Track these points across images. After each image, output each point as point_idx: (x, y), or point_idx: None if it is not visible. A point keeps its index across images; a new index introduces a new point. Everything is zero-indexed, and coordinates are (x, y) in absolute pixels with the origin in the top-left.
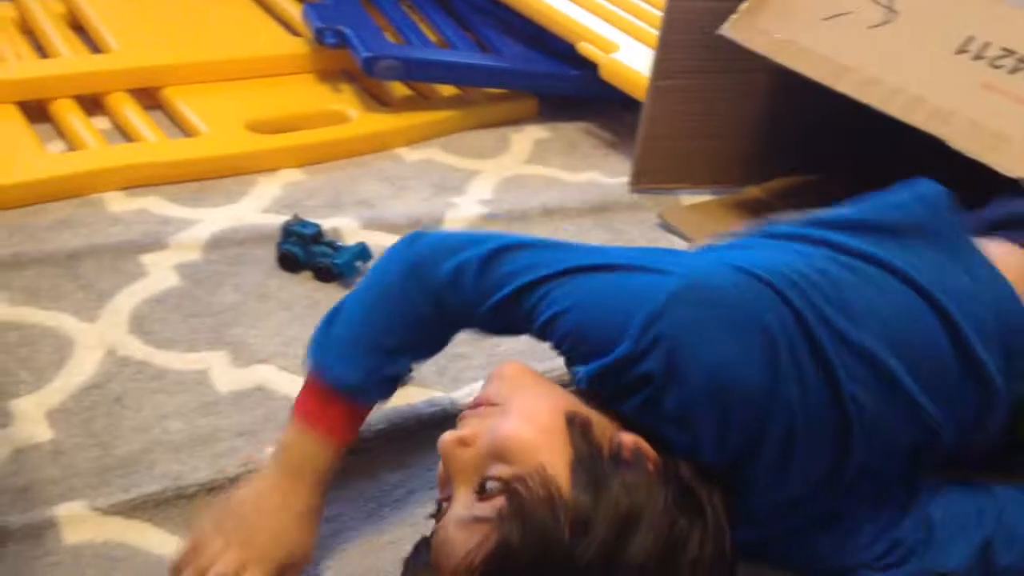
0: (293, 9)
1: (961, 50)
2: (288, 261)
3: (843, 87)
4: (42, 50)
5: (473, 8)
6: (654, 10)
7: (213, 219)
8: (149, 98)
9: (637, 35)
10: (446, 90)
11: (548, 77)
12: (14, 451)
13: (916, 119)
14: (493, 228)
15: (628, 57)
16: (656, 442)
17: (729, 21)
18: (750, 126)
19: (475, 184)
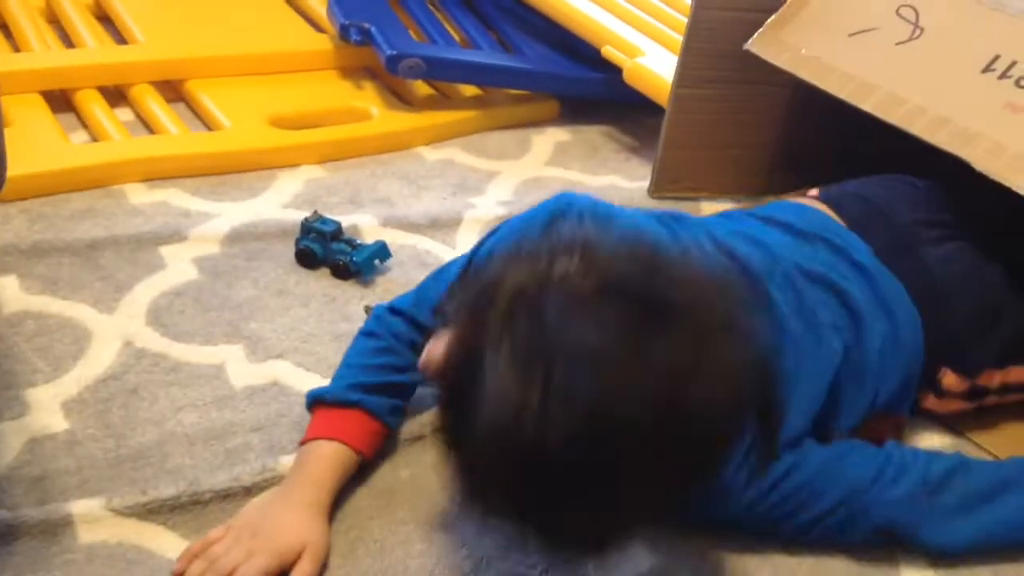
0: (317, 5)
1: (987, 69)
2: (306, 257)
3: (868, 106)
4: (68, 39)
5: (498, 8)
6: (680, 16)
7: (233, 213)
8: (172, 91)
9: (663, 41)
10: (468, 90)
11: (570, 80)
12: (29, 441)
13: (939, 139)
14: None
15: (653, 62)
16: None
17: (755, 36)
18: (772, 136)
19: (495, 185)
